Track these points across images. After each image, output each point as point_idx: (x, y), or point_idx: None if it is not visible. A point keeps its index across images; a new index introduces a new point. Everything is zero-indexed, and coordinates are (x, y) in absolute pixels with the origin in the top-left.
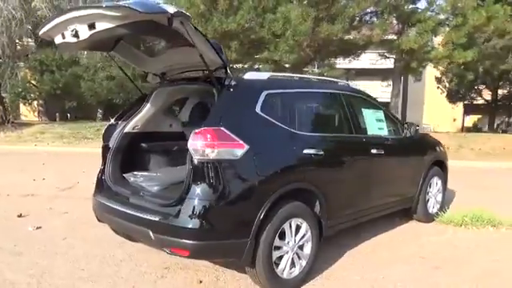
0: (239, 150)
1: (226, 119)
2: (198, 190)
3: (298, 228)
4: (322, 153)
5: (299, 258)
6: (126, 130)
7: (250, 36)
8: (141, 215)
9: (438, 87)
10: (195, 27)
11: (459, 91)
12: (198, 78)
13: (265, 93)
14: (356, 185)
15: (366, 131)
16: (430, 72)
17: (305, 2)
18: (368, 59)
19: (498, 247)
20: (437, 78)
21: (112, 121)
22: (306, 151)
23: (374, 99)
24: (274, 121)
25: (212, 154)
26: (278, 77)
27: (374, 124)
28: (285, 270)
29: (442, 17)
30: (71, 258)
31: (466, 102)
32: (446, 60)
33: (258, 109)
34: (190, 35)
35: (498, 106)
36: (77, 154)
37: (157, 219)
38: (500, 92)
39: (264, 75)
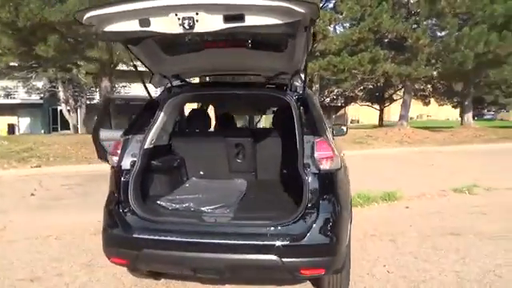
0: (338, 159)
1: (323, 129)
2: (323, 202)
3: None
4: None
5: None
6: (146, 145)
7: (79, 30)
8: (258, 242)
9: None
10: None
11: None
12: (252, 84)
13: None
14: None
15: None
16: None
17: None
18: None
19: (416, 214)
20: None
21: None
22: None
23: None
24: None
25: (332, 164)
26: None
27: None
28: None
29: None
30: None
31: None
32: None
33: None
34: (307, 38)
35: None
36: None
37: (286, 242)
38: None
39: None
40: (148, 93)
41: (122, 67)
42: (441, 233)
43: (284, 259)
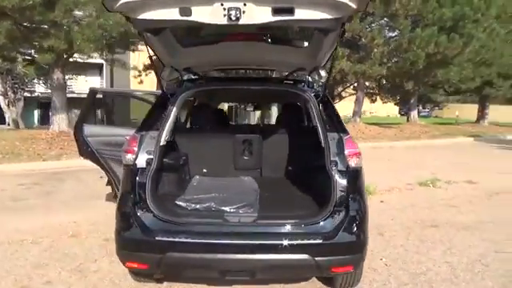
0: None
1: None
2: (352, 200)
3: None
4: None
5: None
6: (162, 142)
7: (33, 17)
8: (290, 242)
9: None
10: None
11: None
12: (269, 80)
13: None
14: None
15: None
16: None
17: None
18: None
19: (393, 208)
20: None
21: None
22: None
23: None
24: None
25: (358, 161)
26: None
27: None
28: None
29: None
30: None
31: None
32: None
33: None
34: (339, 35)
35: None
36: None
37: (318, 241)
38: None
39: None
40: (161, 87)
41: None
42: (421, 225)
43: (317, 258)
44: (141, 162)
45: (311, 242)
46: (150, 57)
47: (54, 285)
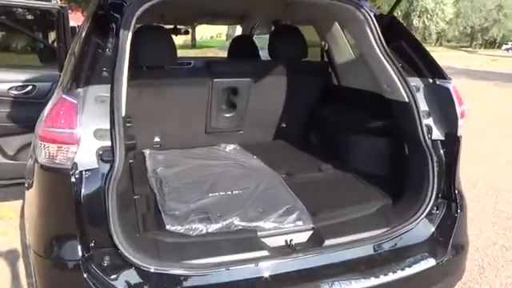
0: None
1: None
2: (455, 185)
3: None
4: None
5: None
6: (123, 108)
7: None
8: (402, 275)
9: None
10: None
11: None
12: None
13: None
14: None
15: None
16: None
17: None
18: None
19: None
20: None
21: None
22: None
23: None
24: None
25: (462, 125)
26: None
27: None
28: None
29: None
30: None
31: None
32: None
33: None
34: None
35: None
36: None
37: (432, 263)
38: None
39: None
40: None
41: None
42: None
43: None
44: (86, 158)
45: (423, 266)
46: None
47: None
